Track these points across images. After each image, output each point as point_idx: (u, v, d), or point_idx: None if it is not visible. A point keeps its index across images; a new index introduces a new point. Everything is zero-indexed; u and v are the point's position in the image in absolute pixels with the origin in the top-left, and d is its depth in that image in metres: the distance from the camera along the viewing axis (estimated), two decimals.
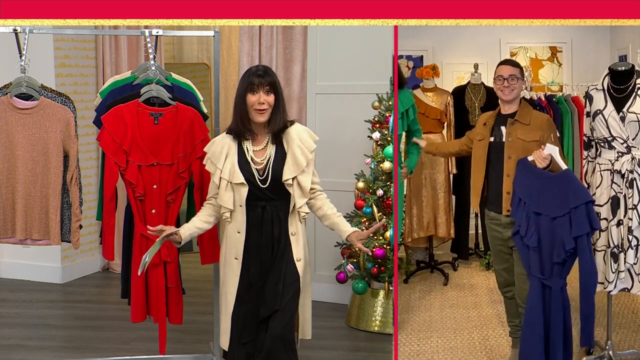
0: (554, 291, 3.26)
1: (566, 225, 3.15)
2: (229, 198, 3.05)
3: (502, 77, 3.47)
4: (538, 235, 3.25)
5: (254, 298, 3.07)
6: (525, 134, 3.42)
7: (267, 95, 3.01)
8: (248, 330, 3.07)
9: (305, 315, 3.19)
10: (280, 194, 3.06)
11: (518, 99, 3.52)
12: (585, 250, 3.15)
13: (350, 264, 4.69)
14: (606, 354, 3.75)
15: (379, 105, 4.75)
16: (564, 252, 3.17)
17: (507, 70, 3.48)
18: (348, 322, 4.86)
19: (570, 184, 3.15)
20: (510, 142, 3.44)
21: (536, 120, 3.46)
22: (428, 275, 5.19)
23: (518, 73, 3.48)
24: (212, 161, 3.10)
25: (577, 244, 3.15)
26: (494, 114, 3.58)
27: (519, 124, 3.45)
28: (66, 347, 4.42)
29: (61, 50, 5.71)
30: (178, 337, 4.41)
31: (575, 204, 3.11)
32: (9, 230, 3.65)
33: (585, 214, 3.11)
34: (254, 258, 3.06)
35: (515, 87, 3.46)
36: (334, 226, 3.16)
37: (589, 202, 3.12)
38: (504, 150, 3.45)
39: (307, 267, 3.15)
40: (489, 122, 3.56)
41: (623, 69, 3.42)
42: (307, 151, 3.08)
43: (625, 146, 3.39)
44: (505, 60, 3.65)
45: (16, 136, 3.57)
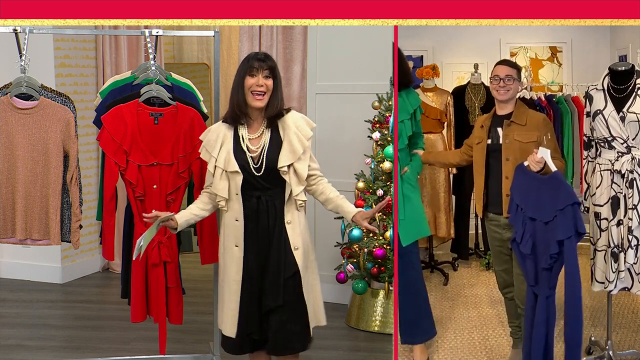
0: (540, 299, 3.16)
1: (554, 229, 3.06)
2: (223, 187, 3.04)
3: (498, 77, 3.45)
4: (533, 242, 3.17)
5: (255, 288, 3.06)
6: (522, 135, 3.40)
7: (266, 79, 3.01)
8: (252, 320, 3.06)
9: (317, 302, 3.15)
10: (275, 182, 3.04)
11: (514, 100, 3.49)
12: (570, 254, 3.01)
13: (350, 264, 4.69)
14: (606, 354, 3.75)
15: (379, 105, 4.75)
16: (549, 256, 3.07)
17: (504, 70, 3.45)
18: (348, 322, 4.86)
19: (558, 186, 3.06)
20: (507, 143, 3.43)
21: (532, 120, 3.43)
22: (428, 275, 5.19)
23: (515, 74, 3.45)
24: (207, 149, 3.09)
25: (563, 248, 3.03)
26: (490, 116, 3.56)
27: (515, 125, 3.43)
28: (66, 347, 4.42)
29: (61, 50, 5.72)
30: (178, 337, 4.41)
31: (561, 206, 3.02)
32: (9, 230, 3.65)
33: (570, 216, 3.00)
34: (252, 246, 3.06)
35: (511, 87, 3.44)
36: (337, 208, 3.14)
37: (575, 203, 3.00)
38: (502, 152, 3.44)
39: (309, 255, 3.11)
40: (486, 124, 3.54)
41: (623, 69, 3.42)
42: (304, 138, 3.06)
43: (625, 146, 3.39)
44: (503, 60, 3.63)
45: (16, 136, 3.57)
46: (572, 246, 3.01)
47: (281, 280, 3.03)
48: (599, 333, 4.08)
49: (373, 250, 4.59)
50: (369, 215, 3.09)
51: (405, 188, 3.67)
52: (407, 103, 3.66)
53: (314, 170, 3.13)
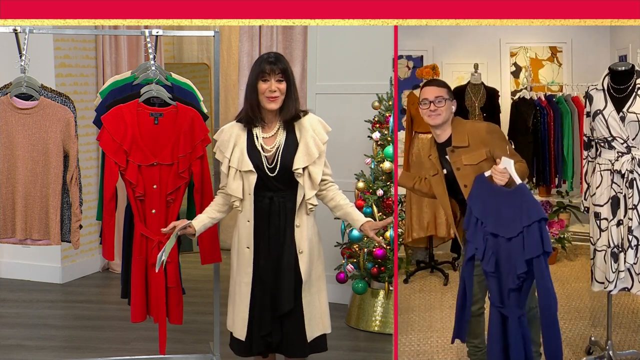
0: (511, 322, 2.95)
1: (520, 247, 2.83)
2: (237, 186, 3.03)
3: (427, 100, 3.15)
4: (496, 259, 2.93)
5: (267, 289, 3.06)
6: (470, 157, 3.14)
7: (278, 83, 2.98)
8: (265, 321, 3.06)
9: (322, 309, 3.12)
10: (288, 184, 3.03)
11: (449, 122, 3.20)
12: (541, 273, 2.78)
13: (350, 264, 4.69)
14: (606, 354, 3.75)
15: (379, 105, 4.75)
16: (516, 276, 2.85)
17: (432, 92, 3.17)
18: (348, 322, 4.86)
19: (524, 200, 2.83)
20: (460, 171, 3.16)
21: (475, 137, 3.15)
22: (428, 275, 5.19)
23: (445, 93, 3.17)
24: (221, 149, 3.08)
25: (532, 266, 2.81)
26: (432, 145, 3.28)
27: (459, 149, 3.15)
28: (66, 347, 4.42)
29: (61, 50, 5.72)
30: (178, 337, 4.41)
31: (528, 222, 2.78)
32: (9, 230, 3.65)
33: (537, 233, 2.76)
34: (262, 248, 3.05)
35: (442, 110, 3.15)
36: (347, 216, 3.12)
37: (542, 219, 2.78)
38: (457, 180, 3.19)
39: (315, 260, 3.10)
40: (433, 155, 3.26)
41: (623, 69, 3.42)
42: (320, 142, 3.05)
43: (625, 146, 3.39)
44: (430, 80, 3.32)
45: (16, 136, 3.57)
46: (541, 264, 2.79)
47: (293, 284, 3.03)
48: (599, 333, 4.08)
49: (373, 250, 4.59)
50: (377, 227, 3.07)
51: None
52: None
53: (327, 175, 3.12)
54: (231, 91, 6.89)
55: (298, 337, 3.07)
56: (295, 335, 3.07)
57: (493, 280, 2.99)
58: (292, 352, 3.10)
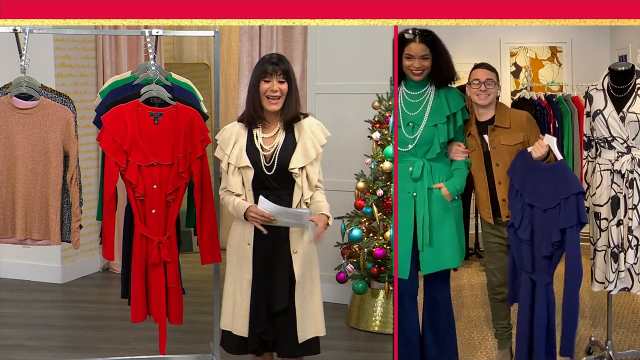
0: (539, 287, 3.22)
1: (556, 217, 3.11)
2: (236, 182, 3.07)
3: (478, 80, 3.38)
4: (531, 228, 3.21)
5: (263, 288, 3.08)
6: (508, 138, 3.38)
7: (280, 84, 3.02)
8: (261, 319, 3.08)
9: (316, 311, 3.14)
10: (285, 184, 3.06)
11: (494, 104, 3.44)
12: (572, 242, 3.07)
13: (350, 264, 4.69)
14: (606, 354, 3.75)
15: (379, 105, 4.75)
16: (551, 244, 3.12)
17: (484, 74, 3.39)
18: (348, 322, 4.86)
19: (563, 175, 3.10)
20: (495, 149, 3.39)
21: (516, 121, 3.40)
22: None
23: (494, 77, 3.40)
24: (222, 147, 3.12)
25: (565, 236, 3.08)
26: (473, 123, 3.48)
27: (500, 129, 3.39)
28: (66, 347, 4.42)
29: (61, 50, 5.71)
30: (178, 337, 4.41)
31: (566, 194, 3.06)
32: (9, 230, 3.65)
33: (574, 205, 3.04)
34: (260, 245, 3.07)
35: (491, 91, 3.38)
36: (313, 205, 3.10)
37: (580, 192, 3.06)
38: (491, 158, 3.41)
39: (310, 262, 3.13)
40: (473, 130, 3.47)
41: (623, 69, 3.42)
42: (318, 144, 3.09)
43: (625, 146, 3.39)
44: (481, 63, 3.46)
45: (16, 136, 3.57)
46: (574, 234, 3.07)
47: (286, 282, 3.06)
48: (599, 333, 4.08)
49: (373, 250, 4.59)
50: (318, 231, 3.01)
51: (436, 210, 3.36)
52: (445, 104, 3.39)
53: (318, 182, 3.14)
54: (231, 91, 6.89)
55: (290, 337, 3.09)
56: (287, 335, 3.09)
57: (527, 248, 3.24)
58: (284, 351, 3.12)
